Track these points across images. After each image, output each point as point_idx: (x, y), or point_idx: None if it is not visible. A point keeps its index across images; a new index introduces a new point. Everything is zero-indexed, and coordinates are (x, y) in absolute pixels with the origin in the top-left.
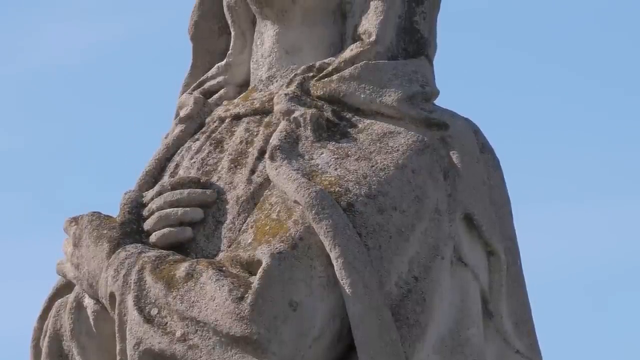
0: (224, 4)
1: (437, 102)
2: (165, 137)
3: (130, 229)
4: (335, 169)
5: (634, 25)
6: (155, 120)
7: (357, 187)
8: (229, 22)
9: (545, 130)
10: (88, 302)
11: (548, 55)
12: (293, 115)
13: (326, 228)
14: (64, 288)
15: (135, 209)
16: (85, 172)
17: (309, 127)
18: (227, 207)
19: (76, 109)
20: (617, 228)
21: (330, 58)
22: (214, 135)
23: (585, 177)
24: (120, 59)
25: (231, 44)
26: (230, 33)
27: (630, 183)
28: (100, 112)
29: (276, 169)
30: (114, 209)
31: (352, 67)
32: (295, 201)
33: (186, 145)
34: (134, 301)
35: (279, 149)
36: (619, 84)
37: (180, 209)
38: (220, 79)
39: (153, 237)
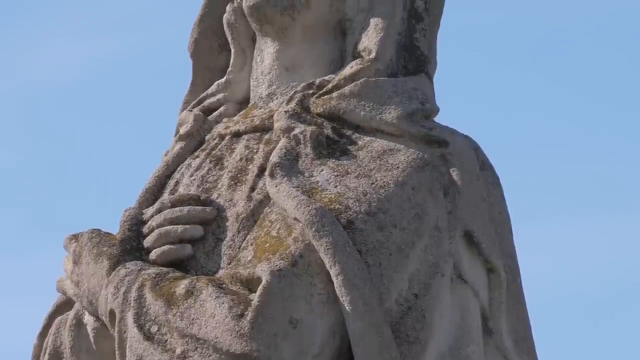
0: (224, 21)
1: (437, 119)
2: (165, 155)
3: (130, 246)
4: (335, 186)
5: (633, 45)
6: (153, 137)
7: (357, 204)
8: (229, 39)
9: (544, 147)
10: (88, 319)
11: (547, 73)
12: (293, 133)
13: (326, 245)
14: (64, 305)
15: (135, 226)
16: (84, 188)
17: (308, 145)
18: (227, 224)
19: (74, 125)
20: (616, 245)
21: (330, 75)
22: (213, 152)
23: (584, 194)
24: (118, 75)
25: (231, 61)
26: (230, 50)
27: (629, 199)
28: (98, 129)
29: (276, 186)
30: (113, 226)
31: (352, 84)
32: (295, 218)
33: (186, 162)
34: (134, 318)
35: (279, 166)
36: (617, 102)
37: (180, 226)
38: (220, 96)
39: (153, 255)
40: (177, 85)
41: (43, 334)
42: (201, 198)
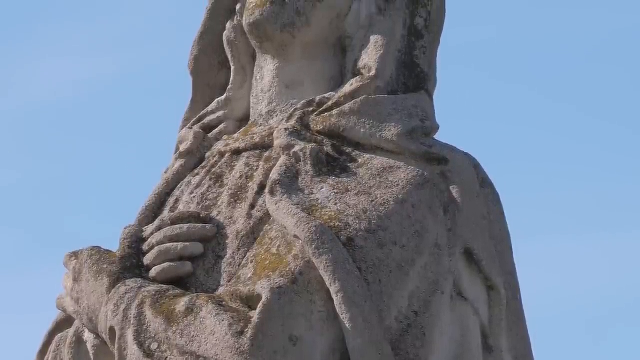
0: (224, 38)
1: (437, 136)
2: (165, 172)
3: (130, 263)
4: (335, 204)
5: (633, 63)
6: (150, 154)
7: (357, 221)
8: (229, 56)
9: (544, 164)
10: (88, 336)
11: (548, 90)
12: (293, 150)
13: (326, 263)
14: (64, 322)
15: (135, 243)
16: (84, 206)
17: (308, 162)
18: (227, 241)
19: (73, 143)
20: (616, 261)
21: (330, 92)
22: (213, 169)
23: (584, 211)
24: (113, 94)
25: (231, 79)
26: (230, 67)
27: (629, 216)
28: (97, 147)
29: (276, 204)
30: (113, 244)
31: (352, 101)
32: (295, 236)
33: (186, 179)
34: (134, 335)
35: (278, 183)
36: (617, 119)
37: (180, 243)
38: (220, 113)
39: (153, 272)
40: (175, 103)
41: (43, 352)
42: (201, 215)
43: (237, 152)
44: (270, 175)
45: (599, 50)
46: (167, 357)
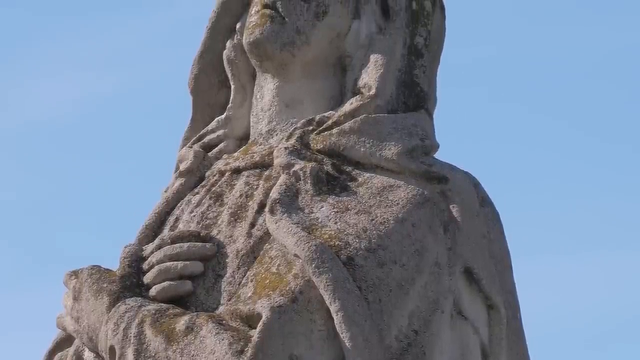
0: (224, 57)
1: (437, 155)
2: (165, 191)
3: (130, 282)
4: (335, 223)
5: (631, 81)
6: (144, 172)
7: (357, 240)
8: (229, 75)
9: (544, 183)
10: (88, 355)
11: (546, 109)
12: (293, 169)
13: (326, 282)
14: (64, 341)
15: (135, 262)
16: (79, 224)
17: (308, 181)
18: (227, 260)
19: (67, 162)
20: (616, 280)
21: (330, 111)
22: (214, 188)
23: (583, 230)
24: (109, 113)
25: (231, 98)
26: (230, 86)
27: (628, 235)
28: (91, 166)
29: (276, 223)
30: (109, 262)
31: (352, 120)
32: (295, 255)
33: (186, 198)
34: (134, 355)
35: (278, 202)
36: (616, 138)
37: (180, 262)
38: (220, 132)
39: (153, 291)
40: (171, 121)
41: None
42: (201, 234)
43: (237, 171)
44: (270, 194)
45: (597, 69)
46: None
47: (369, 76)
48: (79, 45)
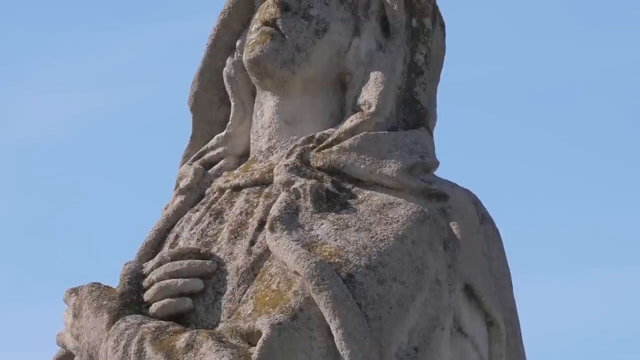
0: (224, 74)
1: (437, 172)
2: (165, 208)
3: (130, 299)
4: (335, 240)
5: (630, 100)
6: (146, 189)
7: (357, 258)
8: (229, 93)
9: (543, 200)
10: None
11: (546, 128)
12: (293, 186)
13: (326, 299)
14: (64, 359)
15: (135, 279)
16: (75, 241)
17: (308, 198)
18: (227, 278)
19: (62, 179)
20: (615, 297)
21: (330, 129)
22: (213, 206)
23: (583, 247)
24: (104, 130)
25: (231, 115)
26: (230, 104)
27: (627, 252)
28: (86, 183)
29: (276, 240)
30: (111, 279)
31: (352, 138)
32: (295, 272)
33: (186, 216)
34: None
35: (278, 219)
36: (614, 156)
37: (180, 279)
38: (220, 149)
39: (153, 308)
40: (170, 138)
41: None
42: (201, 252)
43: (237, 189)
44: (270, 212)
45: (596, 86)
46: None
47: (369, 93)
48: (74, 62)
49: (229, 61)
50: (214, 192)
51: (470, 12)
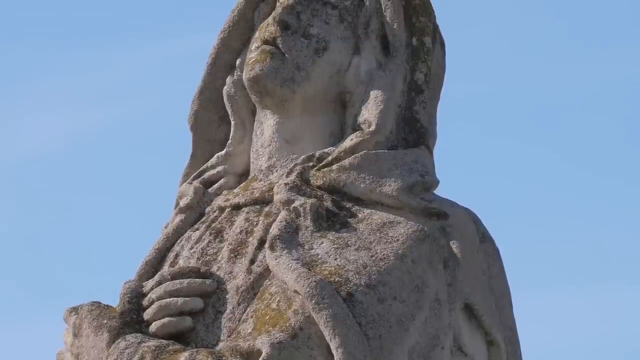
0: (224, 93)
1: (438, 191)
2: (165, 227)
3: (130, 318)
4: (335, 259)
5: (626, 116)
6: (147, 207)
7: (357, 276)
8: (229, 111)
9: (544, 218)
10: None
11: (546, 145)
12: (293, 205)
13: (326, 318)
14: None
15: (135, 298)
16: (81, 260)
17: (308, 217)
18: (227, 296)
19: (60, 196)
20: (614, 315)
21: (330, 147)
22: (213, 225)
23: (581, 264)
24: (102, 147)
25: (231, 134)
26: (230, 123)
27: (627, 269)
28: (84, 200)
29: (276, 259)
30: (111, 298)
31: (352, 156)
32: (295, 291)
33: (186, 235)
34: None
35: (278, 238)
36: (612, 173)
37: (180, 298)
38: (220, 168)
39: (153, 327)
40: (169, 155)
41: None
42: (201, 270)
43: (237, 207)
44: (270, 231)
45: (591, 103)
46: None
47: (369, 112)
48: (71, 80)
49: (229, 80)
50: (214, 211)
51: (470, 30)
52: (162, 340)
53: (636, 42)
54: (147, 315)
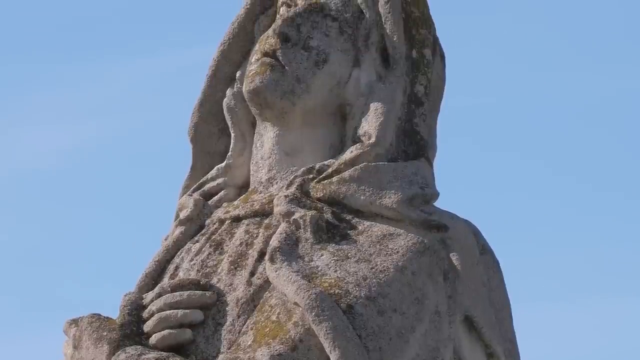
0: (224, 105)
1: (438, 203)
2: (165, 239)
3: (130, 330)
4: (335, 271)
5: (626, 130)
6: (147, 219)
7: (357, 289)
8: (229, 124)
9: (544, 231)
10: None
11: (545, 158)
12: (293, 217)
13: (326, 330)
14: None
15: (135, 310)
16: (81, 272)
17: (308, 229)
18: (227, 308)
19: (56, 210)
20: (614, 327)
21: (330, 160)
22: (213, 237)
23: (581, 277)
24: (97, 161)
25: (231, 146)
26: (229, 135)
27: (626, 282)
28: (79, 213)
29: (276, 271)
30: (111, 310)
31: (352, 169)
32: (295, 303)
33: (186, 247)
34: None
35: (278, 250)
36: (612, 186)
37: (180, 310)
38: (220, 180)
39: (153, 339)
40: (169, 168)
41: None
42: (201, 282)
43: (237, 220)
44: (270, 243)
45: (592, 117)
46: None
47: (369, 124)
48: (66, 93)
49: (228, 92)
50: (214, 223)
51: (470, 42)
52: (162, 353)
53: (636, 56)
54: (147, 327)
